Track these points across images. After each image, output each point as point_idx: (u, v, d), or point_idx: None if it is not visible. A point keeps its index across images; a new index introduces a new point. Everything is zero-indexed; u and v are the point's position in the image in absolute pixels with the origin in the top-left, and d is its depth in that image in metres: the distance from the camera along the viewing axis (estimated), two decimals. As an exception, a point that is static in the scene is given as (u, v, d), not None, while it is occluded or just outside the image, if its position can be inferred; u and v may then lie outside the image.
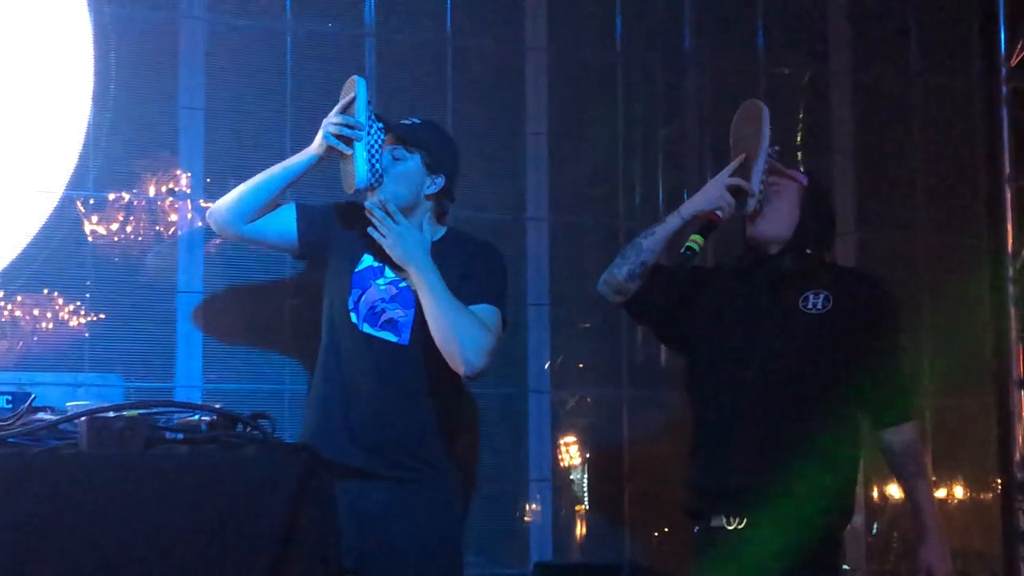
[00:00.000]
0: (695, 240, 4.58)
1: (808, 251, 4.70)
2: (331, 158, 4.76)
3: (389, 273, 4.73)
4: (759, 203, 4.70)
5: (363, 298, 4.71)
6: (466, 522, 5.13)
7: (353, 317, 4.71)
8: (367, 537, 4.57)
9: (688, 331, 4.84)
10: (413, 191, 4.74)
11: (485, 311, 4.67)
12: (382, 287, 4.72)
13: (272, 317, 5.70)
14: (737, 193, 4.66)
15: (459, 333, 4.50)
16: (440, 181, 4.78)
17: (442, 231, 4.84)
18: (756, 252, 4.77)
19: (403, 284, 4.70)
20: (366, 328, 4.69)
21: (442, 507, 4.76)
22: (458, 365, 4.50)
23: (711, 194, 4.72)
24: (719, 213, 4.66)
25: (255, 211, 4.79)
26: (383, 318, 4.70)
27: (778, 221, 4.71)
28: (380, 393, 4.67)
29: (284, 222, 4.85)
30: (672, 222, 4.79)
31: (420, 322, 4.66)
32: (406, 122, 4.82)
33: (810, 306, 4.61)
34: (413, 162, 4.75)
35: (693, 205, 4.78)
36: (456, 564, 4.78)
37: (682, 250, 4.58)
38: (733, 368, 4.63)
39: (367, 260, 4.76)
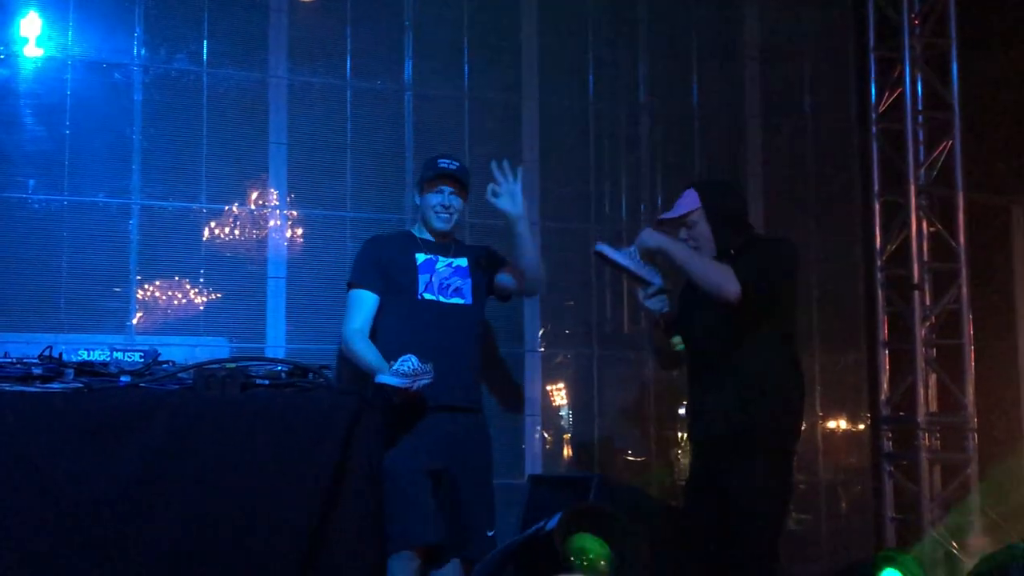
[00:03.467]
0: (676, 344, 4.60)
1: (731, 251, 4.43)
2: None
3: (442, 259, 4.76)
4: (663, 285, 4.51)
5: (432, 280, 4.71)
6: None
7: (429, 295, 4.68)
8: (453, 451, 4.55)
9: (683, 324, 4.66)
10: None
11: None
12: (442, 269, 4.75)
13: (335, 295, 5.58)
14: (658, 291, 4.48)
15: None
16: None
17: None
18: None
19: (455, 263, 4.76)
20: (442, 299, 4.70)
21: (489, 436, 4.84)
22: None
23: (650, 316, 4.59)
24: (656, 316, 4.53)
25: None
26: (451, 289, 4.73)
27: (704, 247, 4.46)
28: (460, 345, 4.66)
29: (373, 306, 4.69)
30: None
31: (475, 286, 4.77)
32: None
33: None
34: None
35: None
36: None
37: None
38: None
39: (420, 256, 4.74)
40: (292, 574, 3.24)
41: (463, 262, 4.83)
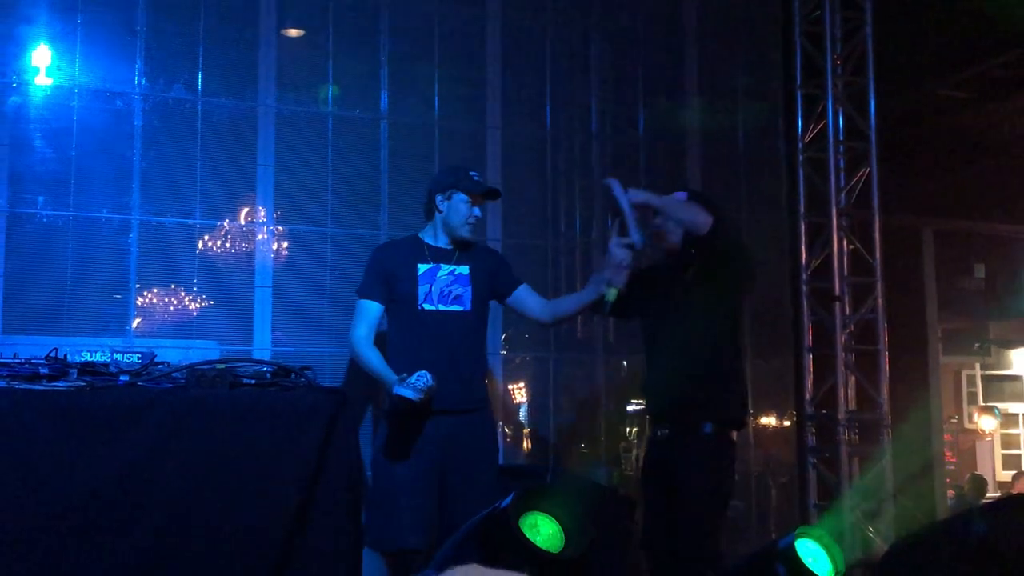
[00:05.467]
0: (610, 294, 4.40)
1: (692, 250, 4.42)
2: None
3: (444, 267, 4.57)
4: (648, 241, 4.46)
5: (433, 288, 4.54)
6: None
7: (428, 306, 4.51)
8: (452, 452, 4.39)
9: (642, 310, 4.70)
10: None
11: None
12: (443, 277, 4.57)
13: (317, 303, 5.72)
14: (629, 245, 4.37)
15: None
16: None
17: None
18: (669, 256, 4.63)
19: (457, 271, 4.57)
20: (441, 307, 4.53)
21: (492, 428, 4.66)
22: None
23: (609, 261, 4.43)
24: (615, 278, 4.39)
25: None
26: (451, 297, 4.56)
27: (673, 234, 4.47)
28: (459, 350, 4.49)
29: (377, 315, 4.56)
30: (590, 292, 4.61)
31: (476, 292, 4.59)
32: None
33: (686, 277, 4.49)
34: None
35: (600, 276, 4.52)
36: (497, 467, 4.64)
37: (605, 298, 4.42)
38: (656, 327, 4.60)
39: (422, 267, 4.55)
40: (272, 560, 3.21)
41: (465, 270, 4.61)
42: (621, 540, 4.99)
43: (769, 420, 7.27)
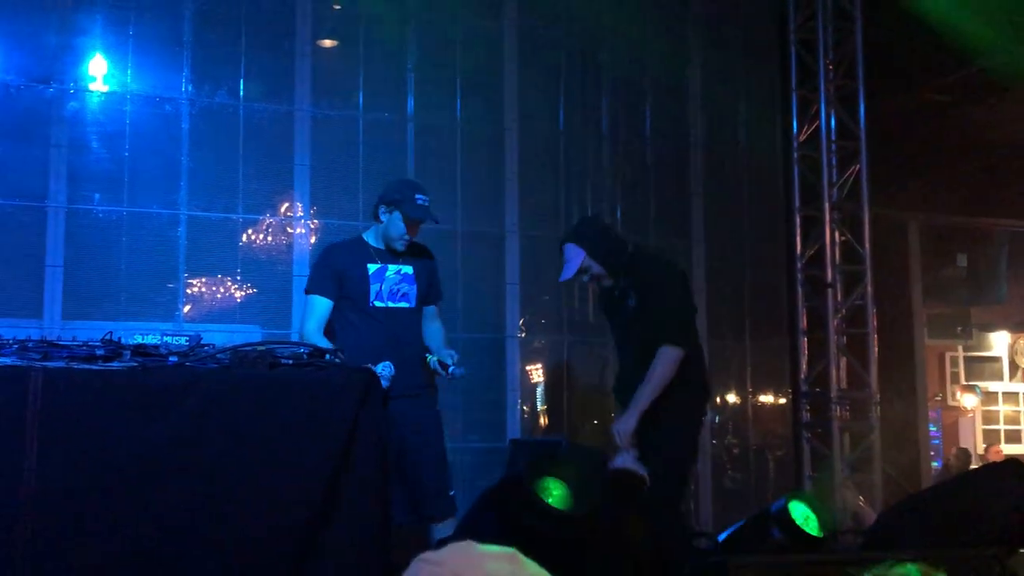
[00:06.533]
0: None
1: (624, 272, 4.43)
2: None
3: (391, 267, 4.50)
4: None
5: (383, 287, 4.48)
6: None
7: (379, 303, 4.45)
8: (410, 431, 4.36)
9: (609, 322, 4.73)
10: None
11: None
12: (391, 276, 4.50)
13: None
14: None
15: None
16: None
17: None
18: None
19: (403, 271, 4.52)
20: (390, 304, 4.48)
21: (436, 409, 4.60)
22: None
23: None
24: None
25: None
26: (399, 294, 4.51)
27: (603, 278, 4.45)
28: (407, 342, 4.47)
29: (327, 310, 4.46)
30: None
31: (419, 291, 4.53)
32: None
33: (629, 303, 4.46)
34: None
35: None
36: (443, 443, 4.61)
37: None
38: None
39: (371, 267, 4.47)
40: (304, 530, 3.23)
41: (410, 269, 4.55)
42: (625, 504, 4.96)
43: (766, 398, 7.24)
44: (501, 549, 1.38)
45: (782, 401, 7.23)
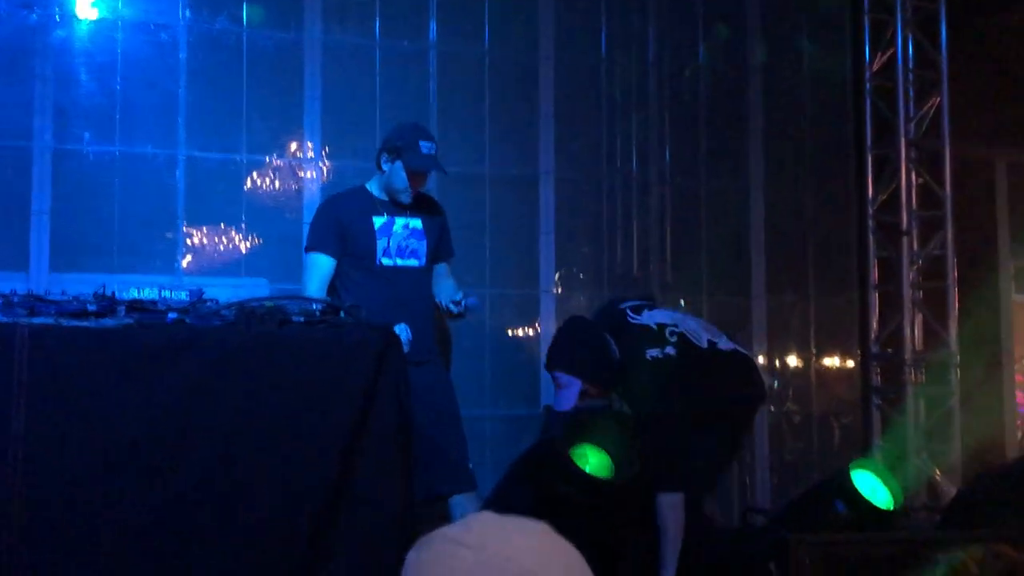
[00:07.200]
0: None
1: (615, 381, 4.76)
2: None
3: (399, 219, 4.51)
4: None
5: (391, 243, 4.48)
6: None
7: (387, 260, 4.46)
8: (422, 400, 4.19)
9: None
10: None
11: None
12: (399, 231, 4.50)
13: None
14: None
15: None
16: None
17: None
18: None
19: (411, 225, 4.53)
20: (399, 261, 4.48)
21: (446, 375, 4.66)
22: None
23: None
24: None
25: None
26: (408, 251, 4.51)
27: (601, 393, 4.81)
28: (417, 304, 4.48)
29: (330, 269, 4.47)
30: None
31: (428, 247, 4.55)
32: None
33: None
34: None
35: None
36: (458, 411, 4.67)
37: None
38: None
39: (377, 221, 4.47)
40: (321, 496, 3.26)
41: (418, 223, 4.55)
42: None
43: (832, 360, 7.21)
44: (525, 521, 1.38)
45: (850, 364, 7.19)
